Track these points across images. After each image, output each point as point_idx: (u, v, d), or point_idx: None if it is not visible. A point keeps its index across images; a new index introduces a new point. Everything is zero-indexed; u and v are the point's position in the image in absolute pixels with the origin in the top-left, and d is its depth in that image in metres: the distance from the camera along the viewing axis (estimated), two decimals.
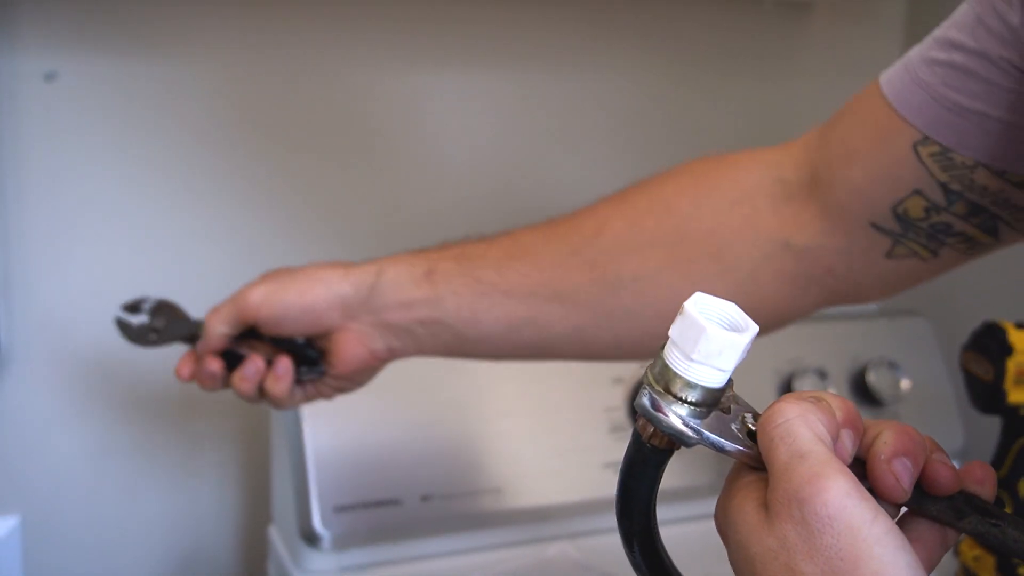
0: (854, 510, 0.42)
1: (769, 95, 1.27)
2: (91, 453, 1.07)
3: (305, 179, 1.11)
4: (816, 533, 0.42)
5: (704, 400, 0.45)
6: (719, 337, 0.44)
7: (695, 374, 0.44)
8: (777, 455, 0.44)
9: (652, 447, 0.46)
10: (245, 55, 1.06)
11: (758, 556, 0.43)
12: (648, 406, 0.45)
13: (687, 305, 0.44)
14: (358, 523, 0.96)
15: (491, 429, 1.01)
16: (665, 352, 0.45)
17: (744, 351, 0.44)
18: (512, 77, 1.16)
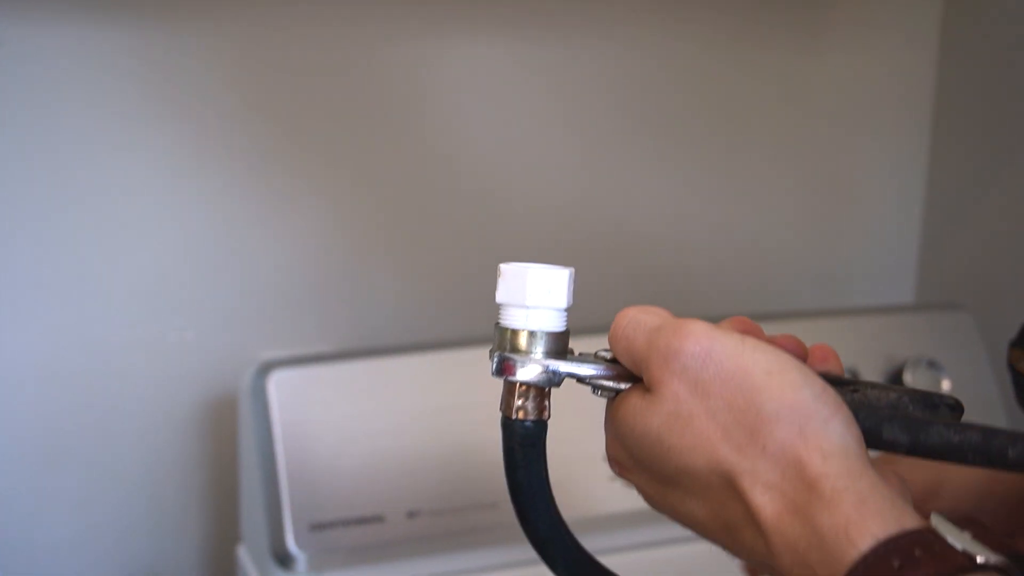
0: (723, 338, 0.46)
1: (798, 68, 1.26)
2: (42, 464, 1.06)
3: (314, 168, 1.11)
4: (700, 370, 0.46)
5: (551, 348, 0.50)
6: (544, 274, 0.50)
7: (535, 321, 0.50)
8: (636, 344, 0.49)
9: (524, 423, 0.51)
10: (235, 22, 1.05)
11: (661, 431, 0.47)
12: (500, 365, 0.50)
13: (502, 266, 0.51)
14: (337, 542, 0.94)
15: (485, 438, 0.97)
16: (500, 318, 0.51)
17: (570, 287, 0.50)
18: (532, 48, 1.16)
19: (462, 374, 1.00)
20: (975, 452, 0.46)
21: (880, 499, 0.42)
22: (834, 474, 0.43)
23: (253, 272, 1.09)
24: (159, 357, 1.07)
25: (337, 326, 1.13)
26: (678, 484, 0.48)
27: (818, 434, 0.44)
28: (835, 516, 0.42)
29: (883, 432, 0.47)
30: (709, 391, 0.46)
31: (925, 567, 0.40)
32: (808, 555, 0.42)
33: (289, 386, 0.95)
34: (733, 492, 0.45)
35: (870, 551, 0.41)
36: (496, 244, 1.17)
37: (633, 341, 0.49)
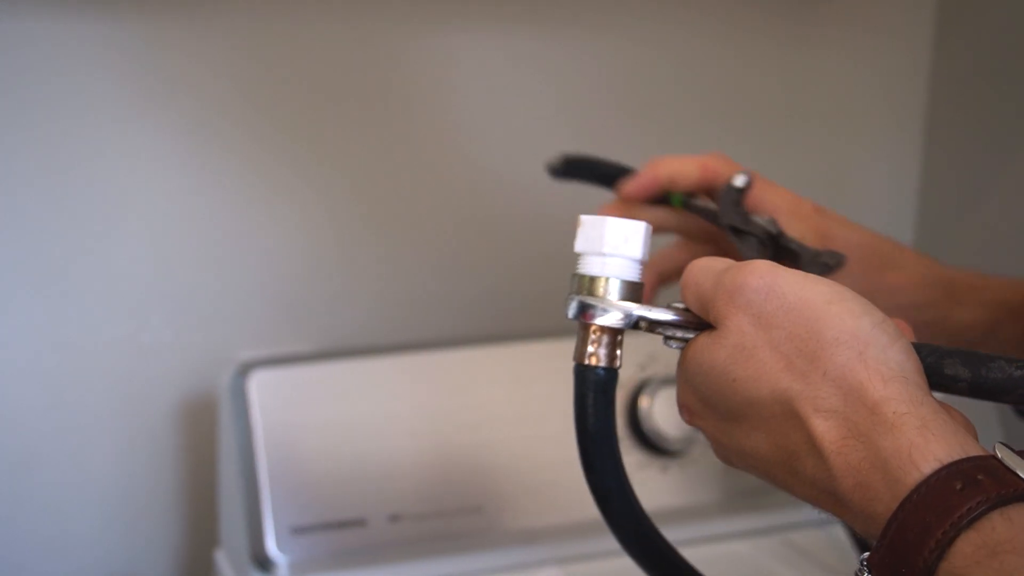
0: (785, 273, 0.49)
1: (792, 65, 1.27)
2: (14, 466, 1.05)
3: (297, 163, 1.11)
4: (763, 303, 0.49)
5: (626, 296, 0.53)
6: (621, 225, 0.53)
7: (611, 268, 0.53)
8: (705, 287, 0.52)
9: (596, 370, 0.53)
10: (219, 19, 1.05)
11: (727, 364, 0.49)
12: (584, 307, 0.52)
13: (582, 217, 0.54)
14: (318, 546, 0.93)
15: (471, 440, 0.99)
16: (578, 266, 0.54)
17: (645, 239, 0.53)
18: (524, 43, 1.16)
19: (447, 376, 1.00)
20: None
21: (942, 425, 0.44)
22: (895, 398, 0.45)
23: (233, 270, 1.09)
24: (135, 356, 1.06)
25: (319, 325, 1.12)
26: (743, 418, 0.50)
27: (878, 359, 0.46)
28: (898, 439, 0.44)
29: (945, 368, 0.48)
30: (772, 323, 0.48)
31: (987, 490, 0.41)
32: (870, 477, 0.44)
33: (270, 387, 0.95)
34: (795, 420, 0.47)
35: (933, 474, 0.42)
36: (483, 244, 1.17)
37: (702, 284, 0.52)
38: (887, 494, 0.43)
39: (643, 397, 1.01)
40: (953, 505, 0.41)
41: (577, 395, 0.54)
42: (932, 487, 0.42)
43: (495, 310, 1.18)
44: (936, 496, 0.42)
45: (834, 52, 1.28)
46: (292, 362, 0.98)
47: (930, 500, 0.42)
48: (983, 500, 0.41)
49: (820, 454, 0.46)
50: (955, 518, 0.41)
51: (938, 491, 0.42)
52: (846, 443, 0.45)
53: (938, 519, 0.41)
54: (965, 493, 0.41)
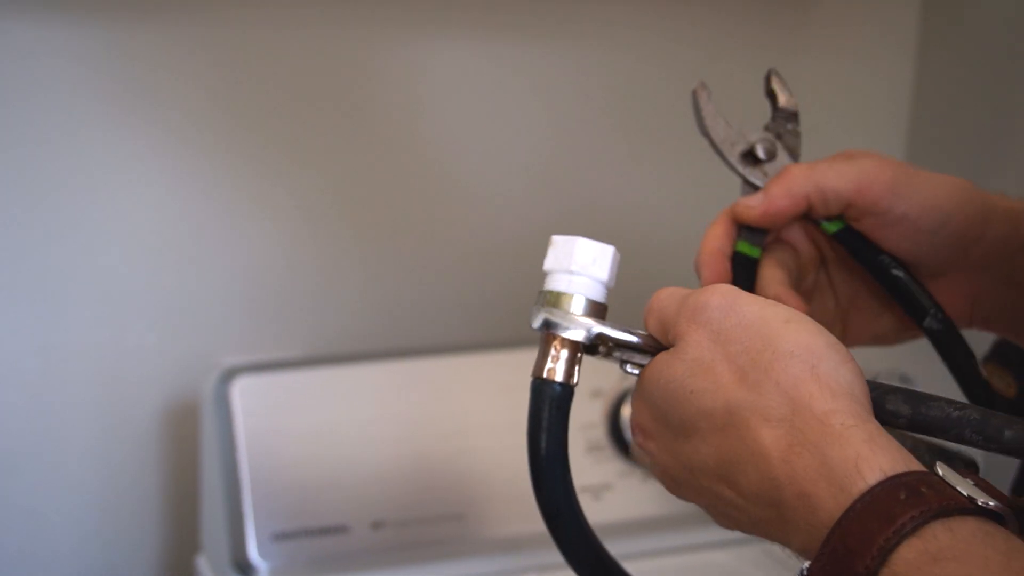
0: (745, 295, 0.51)
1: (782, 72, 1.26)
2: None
3: (284, 168, 1.11)
4: (723, 320, 0.50)
5: (591, 314, 0.54)
6: (591, 246, 0.54)
7: (577, 285, 0.54)
8: (669, 311, 0.53)
9: (553, 385, 0.54)
10: (204, 24, 1.05)
11: (684, 376, 0.50)
12: (547, 320, 0.54)
13: (554, 237, 0.55)
14: (300, 553, 0.94)
15: (453, 447, 1.00)
16: (546, 284, 0.55)
17: (613, 263, 0.55)
18: (512, 51, 1.17)
19: (430, 383, 1.00)
20: (973, 429, 0.49)
21: (887, 441, 0.45)
22: (843, 411, 0.46)
23: (217, 275, 1.09)
24: (119, 361, 1.06)
25: (303, 331, 1.12)
26: (694, 431, 0.50)
27: (829, 375, 0.47)
28: (845, 449, 0.45)
29: (887, 403, 0.50)
30: (730, 338, 0.50)
31: (930, 501, 0.42)
32: (815, 487, 0.45)
33: (253, 393, 0.95)
34: (744, 430, 0.48)
35: (877, 484, 0.43)
36: (468, 251, 1.17)
37: (666, 309, 0.53)
38: (831, 502, 0.44)
39: (625, 406, 1.02)
40: (897, 513, 0.42)
41: (532, 409, 0.55)
42: (876, 496, 0.43)
43: (477, 318, 1.18)
44: (880, 505, 0.43)
45: (817, 63, 1.28)
46: (275, 368, 0.98)
47: (874, 508, 0.43)
48: (926, 510, 0.42)
49: (766, 462, 0.47)
50: (898, 525, 0.42)
51: (882, 500, 0.43)
52: (793, 451, 0.46)
53: (881, 526, 0.42)
54: (909, 503, 0.42)
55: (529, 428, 0.55)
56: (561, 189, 1.19)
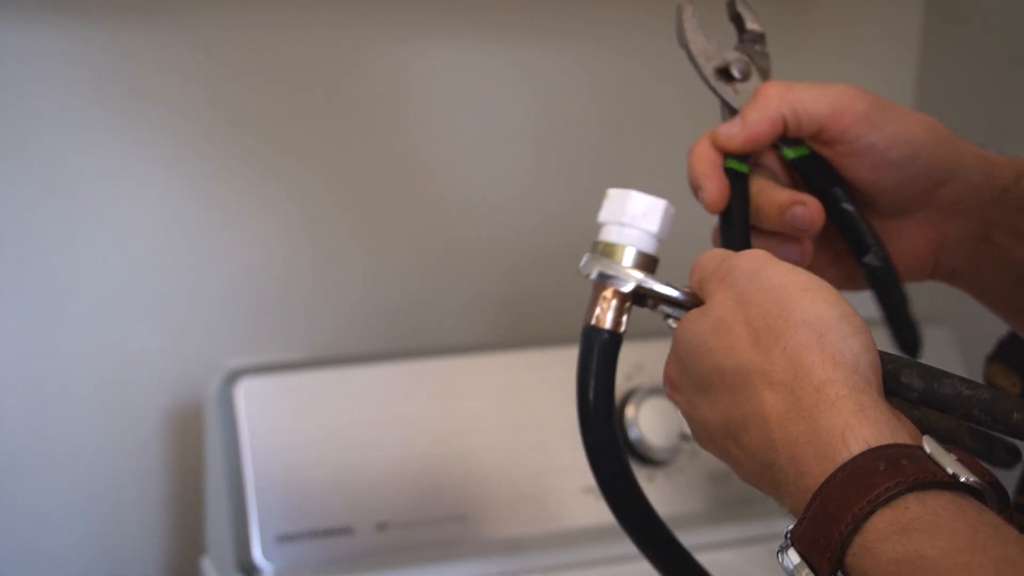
0: (776, 262, 0.53)
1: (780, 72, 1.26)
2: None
3: (287, 170, 1.11)
4: (748, 283, 0.52)
5: (640, 265, 0.57)
6: (642, 199, 0.57)
7: (628, 236, 0.57)
8: (708, 268, 0.55)
9: (602, 332, 0.56)
10: (201, 24, 1.05)
11: (707, 334, 0.52)
12: (598, 271, 0.56)
13: (609, 190, 0.58)
14: (304, 554, 0.94)
15: (457, 448, 1.00)
16: (600, 234, 0.58)
17: (663, 216, 0.57)
18: (506, 52, 1.17)
19: (434, 384, 1.00)
20: (982, 408, 0.50)
21: (878, 413, 0.47)
22: (840, 381, 0.48)
23: (220, 277, 1.09)
24: (122, 364, 1.06)
25: (306, 333, 1.12)
26: (710, 387, 0.53)
27: (835, 345, 0.49)
28: (835, 419, 0.47)
29: (901, 376, 0.51)
30: (751, 300, 0.52)
31: (907, 473, 0.44)
32: (805, 451, 0.47)
33: (257, 395, 0.95)
34: (750, 391, 0.50)
35: (860, 454, 0.45)
36: (472, 252, 1.17)
37: (705, 267, 0.55)
38: (817, 469, 0.46)
39: (629, 407, 1.02)
40: (873, 483, 0.44)
41: (582, 355, 0.57)
42: (858, 466, 0.45)
43: (481, 319, 1.18)
44: (859, 474, 0.44)
45: (819, 62, 1.28)
46: (279, 370, 0.98)
47: (853, 477, 0.44)
48: (902, 481, 0.43)
49: (765, 425, 0.49)
50: (873, 495, 0.43)
51: (862, 470, 0.44)
52: (789, 416, 0.48)
53: (857, 495, 0.44)
54: (886, 473, 0.44)
55: (578, 373, 0.58)
56: (559, 190, 1.19)
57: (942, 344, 1.18)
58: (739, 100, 0.69)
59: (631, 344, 0.74)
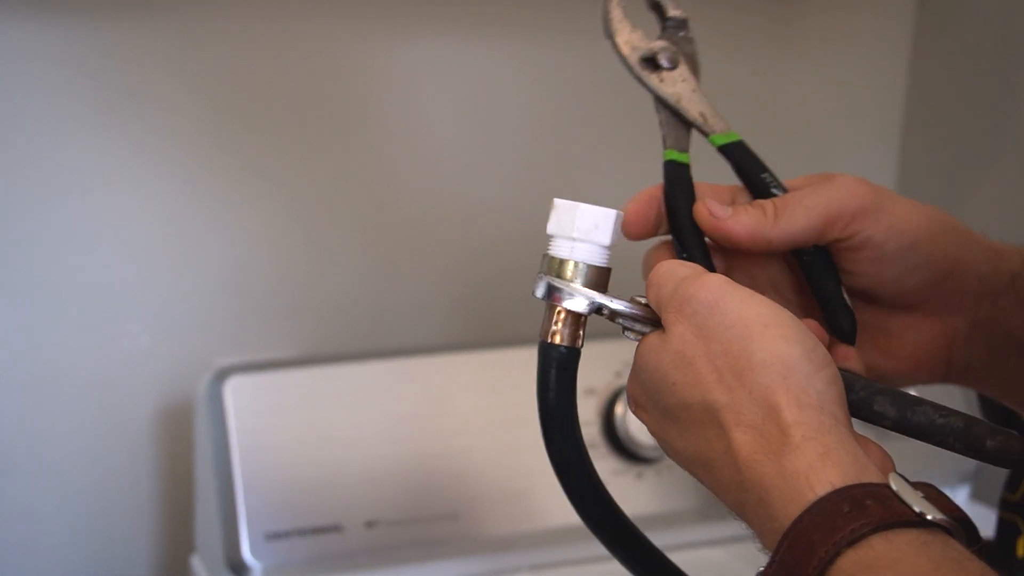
0: (733, 291, 0.52)
1: (769, 80, 1.28)
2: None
3: (275, 168, 1.11)
4: (707, 316, 0.51)
5: (592, 281, 0.56)
6: (592, 212, 0.55)
7: (580, 253, 0.55)
8: (664, 290, 0.54)
9: (559, 348, 0.56)
10: (191, 23, 1.05)
11: (668, 368, 0.52)
12: (547, 289, 0.55)
13: (556, 200, 0.57)
14: (293, 552, 0.94)
15: (446, 446, 1.00)
16: (549, 247, 0.56)
17: (615, 228, 0.56)
18: (501, 48, 1.17)
19: (423, 382, 1.00)
20: (955, 437, 0.50)
21: (843, 454, 0.47)
22: (805, 423, 0.48)
23: (209, 277, 1.09)
24: (113, 363, 1.06)
25: (295, 332, 1.12)
26: (677, 418, 0.53)
27: (799, 385, 0.49)
28: (799, 461, 0.47)
29: (874, 404, 0.51)
30: (712, 336, 0.51)
31: (872, 514, 0.44)
32: (771, 493, 0.47)
33: (246, 393, 0.95)
34: (719, 429, 0.50)
35: (825, 496, 0.45)
36: (460, 251, 1.18)
37: (661, 288, 0.54)
38: (783, 512, 0.46)
39: (619, 405, 1.02)
40: (838, 526, 0.44)
41: (540, 371, 0.57)
42: (822, 508, 0.45)
43: (469, 317, 1.18)
44: (824, 517, 0.45)
45: (810, 71, 1.29)
46: (268, 368, 0.98)
47: (819, 520, 0.44)
48: (867, 523, 0.44)
49: (735, 464, 0.49)
50: (838, 537, 0.44)
51: (827, 512, 0.45)
52: (757, 458, 0.48)
53: (823, 538, 0.44)
54: (851, 515, 0.44)
55: (538, 388, 0.57)
56: (552, 189, 1.18)
57: None
58: (666, 89, 0.68)
59: (620, 343, 0.73)
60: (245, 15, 1.06)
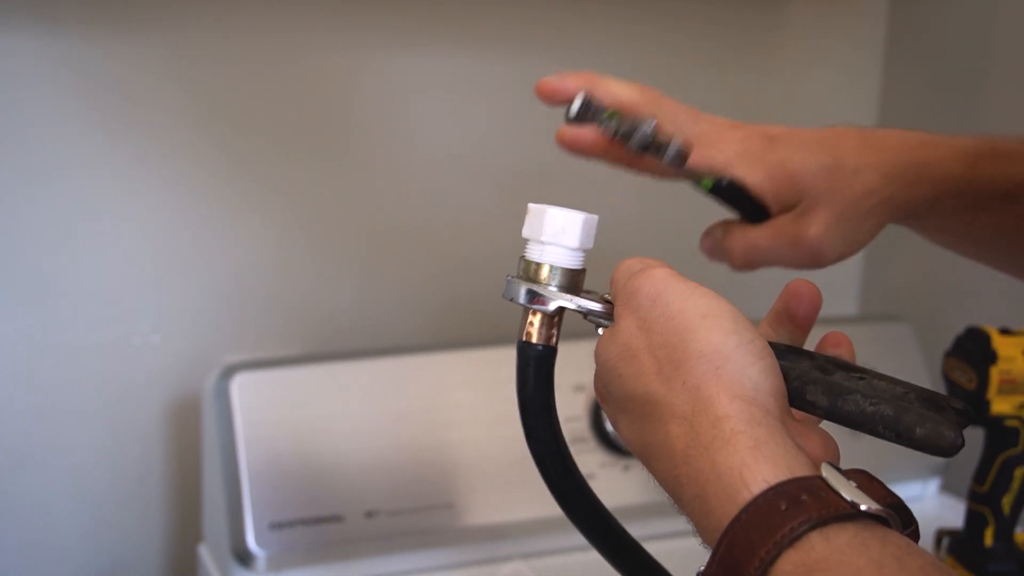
0: (675, 283, 0.51)
1: (745, 87, 1.28)
2: (3, 463, 1.05)
3: (279, 173, 1.11)
4: (650, 309, 0.51)
5: (564, 282, 0.56)
6: (558, 215, 0.56)
7: (550, 255, 0.56)
8: (618, 285, 0.54)
9: (535, 347, 0.56)
10: (192, 32, 1.05)
11: (616, 360, 0.52)
12: (522, 293, 0.56)
13: (529, 205, 0.57)
14: (296, 541, 0.94)
15: (442, 440, 1.00)
16: (524, 252, 0.57)
17: (583, 229, 0.56)
18: (502, 59, 1.17)
19: (420, 379, 1.01)
20: (885, 425, 0.48)
21: (775, 447, 0.46)
22: (735, 416, 0.47)
23: (217, 278, 1.09)
24: (124, 360, 1.06)
25: (299, 331, 1.13)
26: (625, 410, 0.52)
27: (732, 377, 0.48)
28: (731, 457, 0.45)
29: (806, 393, 0.50)
30: (653, 328, 0.51)
31: (809, 510, 0.43)
32: (706, 490, 0.46)
33: (252, 388, 0.96)
34: (657, 422, 0.49)
35: (760, 494, 0.44)
36: (457, 254, 1.18)
37: (616, 283, 0.55)
38: (720, 510, 0.45)
39: None
40: (776, 525, 0.42)
41: (519, 368, 0.58)
42: (759, 507, 0.43)
43: (465, 317, 1.19)
44: (762, 516, 0.43)
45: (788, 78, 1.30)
46: (273, 365, 0.99)
47: (756, 520, 0.43)
48: (804, 520, 0.42)
49: (671, 457, 0.48)
50: (777, 537, 0.42)
51: (764, 511, 0.43)
52: (691, 452, 0.47)
53: (762, 538, 0.43)
54: (788, 513, 0.43)
55: (517, 385, 0.58)
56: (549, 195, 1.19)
57: (902, 340, 1.19)
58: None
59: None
60: (249, 27, 1.07)
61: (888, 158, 0.67)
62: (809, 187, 0.66)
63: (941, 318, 1.22)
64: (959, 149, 0.67)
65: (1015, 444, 0.95)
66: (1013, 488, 0.95)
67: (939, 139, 0.68)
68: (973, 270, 0.79)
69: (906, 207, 0.68)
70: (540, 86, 0.72)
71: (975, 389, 0.94)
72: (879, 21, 1.33)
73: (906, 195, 0.67)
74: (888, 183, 0.67)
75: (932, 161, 0.67)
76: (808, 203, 0.66)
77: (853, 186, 0.66)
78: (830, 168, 0.66)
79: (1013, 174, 0.67)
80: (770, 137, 0.68)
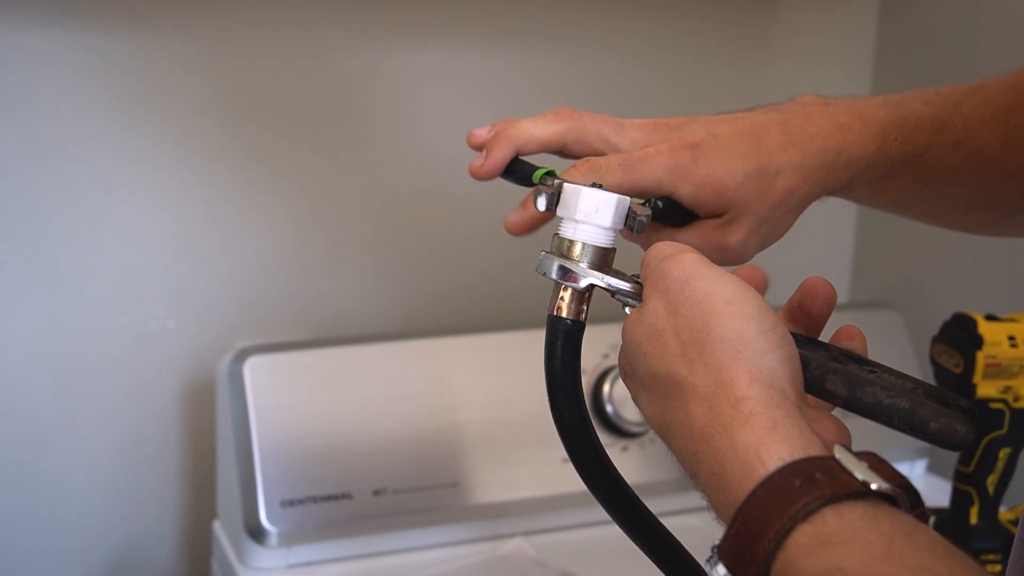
0: (704, 269, 0.52)
1: (741, 83, 1.28)
2: (24, 440, 1.05)
3: (292, 164, 1.11)
4: (677, 292, 0.51)
5: (595, 259, 0.57)
6: (594, 195, 0.56)
7: (583, 234, 0.57)
8: (649, 267, 0.54)
9: (564, 321, 0.57)
10: (211, 25, 1.05)
11: (642, 339, 0.52)
12: (555, 269, 0.57)
13: (565, 184, 0.58)
14: (306, 518, 0.95)
15: (447, 421, 1.01)
16: (558, 229, 0.58)
17: (616, 211, 0.56)
18: (502, 54, 1.17)
19: (427, 362, 1.01)
20: (901, 418, 0.49)
21: (791, 428, 0.46)
22: (754, 398, 0.47)
23: (230, 265, 1.09)
24: (141, 344, 1.07)
25: (310, 315, 1.13)
26: (648, 388, 0.53)
27: (751, 361, 0.48)
28: (749, 436, 0.46)
29: (826, 382, 0.50)
30: (679, 311, 0.51)
31: (822, 488, 0.43)
32: (723, 467, 0.46)
33: (264, 371, 0.96)
34: (679, 400, 0.50)
35: (776, 471, 0.44)
36: (464, 242, 1.18)
37: (648, 265, 0.55)
38: (736, 486, 0.45)
39: (605, 383, 1.04)
40: (791, 500, 0.43)
41: (547, 340, 0.58)
42: (775, 483, 0.44)
43: (472, 303, 1.19)
44: (777, 491, 0.44)
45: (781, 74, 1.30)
46: (285, 349, 0.99)
47: (772, 495, 0.44)
48: (818, 496, 0.43)
49: (691, 435, 0.49)
50: (792, 512, 0.43)
51: (779, 487, 0.44)
52: (710, 431, 0.48)
53: (777, 512, 0.43)
54: (802, 489, 0.43)
55: (545, 358, 0.58)
56: None
57: (891, 327, 1.20)
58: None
59: (608, 325, 0.75)
60: (260, 23, 1.07)
61: (809, 151, 0.67)
62: (735, 199, 0.66)
63: (929, 306, 1.23)
64: (872, 126, 0.68)
65: (1000, 426, 0.95)
66: (997, 468, 0.95)
67: (853, 119, 0.68)
68: (959, 258, 0.79)
69: (822, 193, 0.69)
70: (468, 139, 0.75)
71: (961, 373, 0.95)
72: (871, 17, 1.33)
73: (823, 184, 0.68)
74: (807, 178, 0.67)
75: (847, 146, 0.67)
76: (733, 214, 0.67)
77: (775, 189, 0.66)
78: (753, 176, 0.66)
79: (916, 141, 0.67)
80: (694, 146, 0.67)
